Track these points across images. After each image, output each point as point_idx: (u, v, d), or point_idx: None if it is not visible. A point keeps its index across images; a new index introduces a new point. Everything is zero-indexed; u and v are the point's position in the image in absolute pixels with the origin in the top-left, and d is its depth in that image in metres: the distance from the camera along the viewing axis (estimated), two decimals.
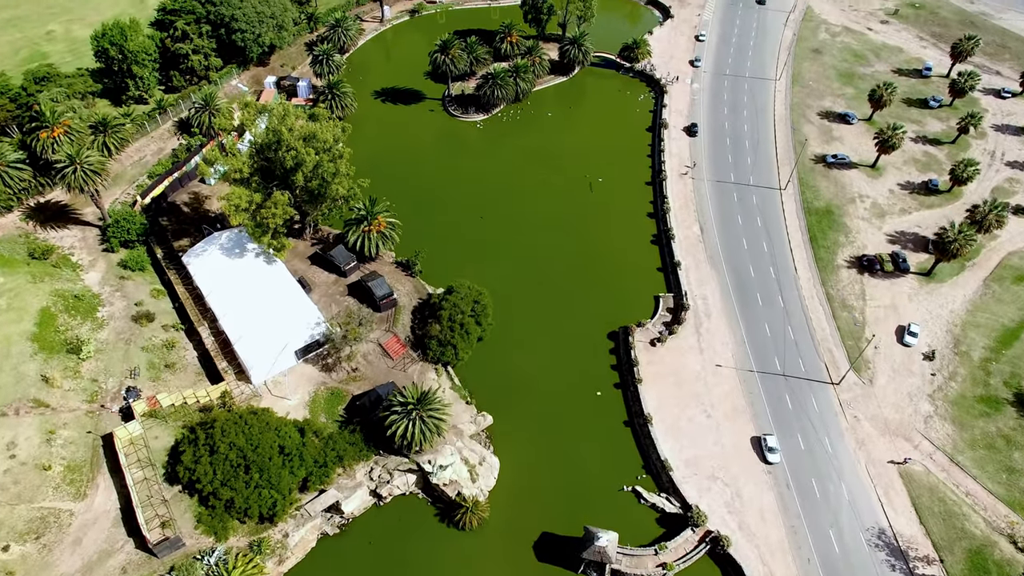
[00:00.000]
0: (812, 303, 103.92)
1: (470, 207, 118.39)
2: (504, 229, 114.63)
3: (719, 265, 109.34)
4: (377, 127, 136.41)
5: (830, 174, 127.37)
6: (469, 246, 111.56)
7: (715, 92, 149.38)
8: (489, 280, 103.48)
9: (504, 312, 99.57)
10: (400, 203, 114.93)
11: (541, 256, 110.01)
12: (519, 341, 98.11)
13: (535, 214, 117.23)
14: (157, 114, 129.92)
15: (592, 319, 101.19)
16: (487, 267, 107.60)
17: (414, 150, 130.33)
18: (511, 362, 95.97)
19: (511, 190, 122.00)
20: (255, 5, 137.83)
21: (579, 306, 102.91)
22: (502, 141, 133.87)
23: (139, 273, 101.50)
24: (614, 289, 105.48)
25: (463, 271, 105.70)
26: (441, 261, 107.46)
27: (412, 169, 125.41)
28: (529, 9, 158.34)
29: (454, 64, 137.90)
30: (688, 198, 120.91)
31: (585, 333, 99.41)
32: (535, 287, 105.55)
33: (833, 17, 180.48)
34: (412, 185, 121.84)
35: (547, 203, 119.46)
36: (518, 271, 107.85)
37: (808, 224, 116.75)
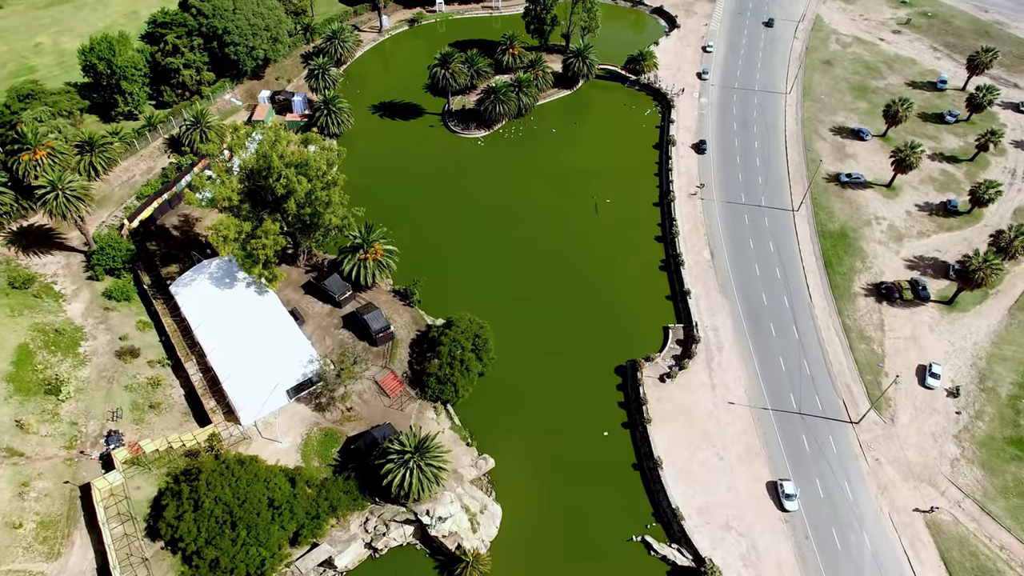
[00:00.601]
0: (828, 334, 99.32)
1: (471, 230, 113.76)
2: (506, 253, 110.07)
3: (730, 293, 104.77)
4: (374, 144, 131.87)
5: (844, 194, 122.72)
6: (470, 272, 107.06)
7: (724, 106, 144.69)
8: (490, 309, 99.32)
9: (506, 344, 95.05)
10: (398, 226, 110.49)
11: (545, 283, 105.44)
12: (522, 376, 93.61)
13: (539, 237, 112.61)
14: (147, 131, 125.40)
15: (598, 352, 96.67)
16: (488, 295, 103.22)
17: (413, 169, 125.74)
18: (514, 399, 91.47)
19: (513, 212, 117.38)
20: (249, 18, 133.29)
21: (585, 337, 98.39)
22: (504, 159, 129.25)
23: (124, 304, 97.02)
24: (621, 319, 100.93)
25: (463, 299, 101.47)
26: (440, 289, 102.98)
27: (411, 189, 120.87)
28: (532, 20, 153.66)
29: (454, 79, 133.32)
30: (697, 220, 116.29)
31: (591, 367, 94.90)
32: (539, 317, 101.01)
33: (843, 27, 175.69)
34: (411, 206, 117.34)
35: (551, 225, 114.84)
36: (521, 299, 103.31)
37: (823, 248, 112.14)
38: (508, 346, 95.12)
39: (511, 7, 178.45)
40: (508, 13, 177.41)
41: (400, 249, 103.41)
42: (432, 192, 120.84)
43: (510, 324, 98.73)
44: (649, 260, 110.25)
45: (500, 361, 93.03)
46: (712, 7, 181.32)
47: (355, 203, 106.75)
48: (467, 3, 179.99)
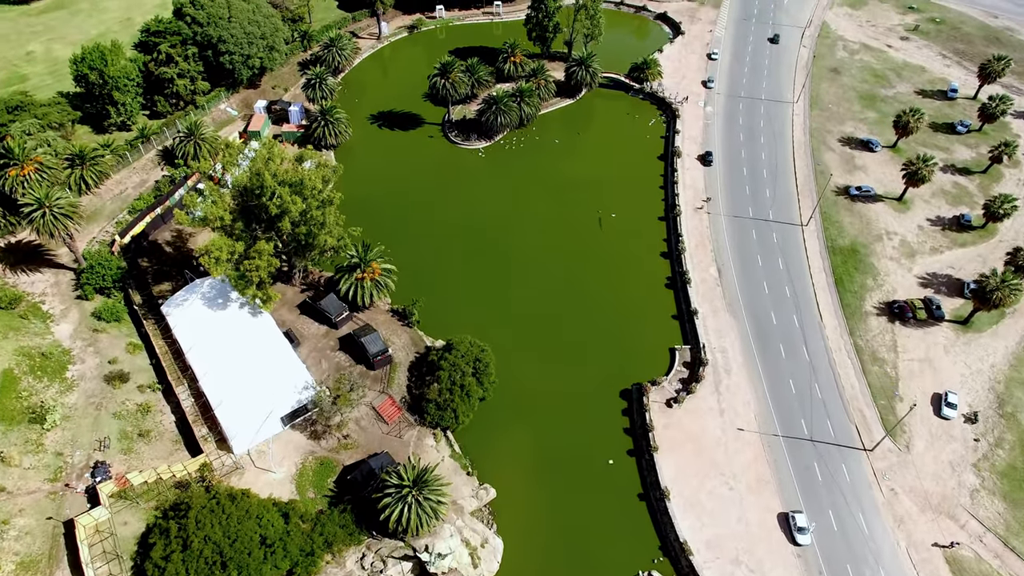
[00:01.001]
0: (840, 355, 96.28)
1: (471, 245, 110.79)
2: (507, 270, 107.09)
3: (739, 312, 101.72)
4: (373, 155, 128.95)
5: (854, 208, 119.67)
6: (470, 289, 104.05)
7: (730, 116, 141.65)
8: (491, 328, 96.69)
9: (508, 366, 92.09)
10: (396, 241, 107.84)
11: (548, 301, 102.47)
12: (524, 400, 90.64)
13: (541, 253, 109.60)
14: (139, 143, 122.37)
15: (603, 374, 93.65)
16: (489, 313, 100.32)
17: (412, 181, 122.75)
18: (516, 424, 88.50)
19: (515, 226, 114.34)
20: (244, 26, 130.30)
21: (589, 359, 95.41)
22: (505, 171, 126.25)
23: (114, 324, 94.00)
24: (627, 340, 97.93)
25: (463, 318, 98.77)
26: (440, 307, 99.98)
27: (410, 202, 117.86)
28: (533, 27, 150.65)
29: (454, 89, 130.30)
30: (704, 235, 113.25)
31: (596, 391, 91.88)
32: (541, 336, 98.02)
33: (850, 33, 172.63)
34: (410, 220, 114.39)
35: (554, 240, 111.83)
36: (523, 317, 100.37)
37: (833, 265, 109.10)
38: (510, 368, 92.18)
39: (512, 13, 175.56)
40: (509, 19, 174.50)
41: (399, 265, 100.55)
42: (431, 205, 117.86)
43: (511, 344, 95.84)
44: (655, 277, 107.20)
45: (501, 384, 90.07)
46: (716, 13, 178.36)
47: (353, 216, 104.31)
48: (467, 9, 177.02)
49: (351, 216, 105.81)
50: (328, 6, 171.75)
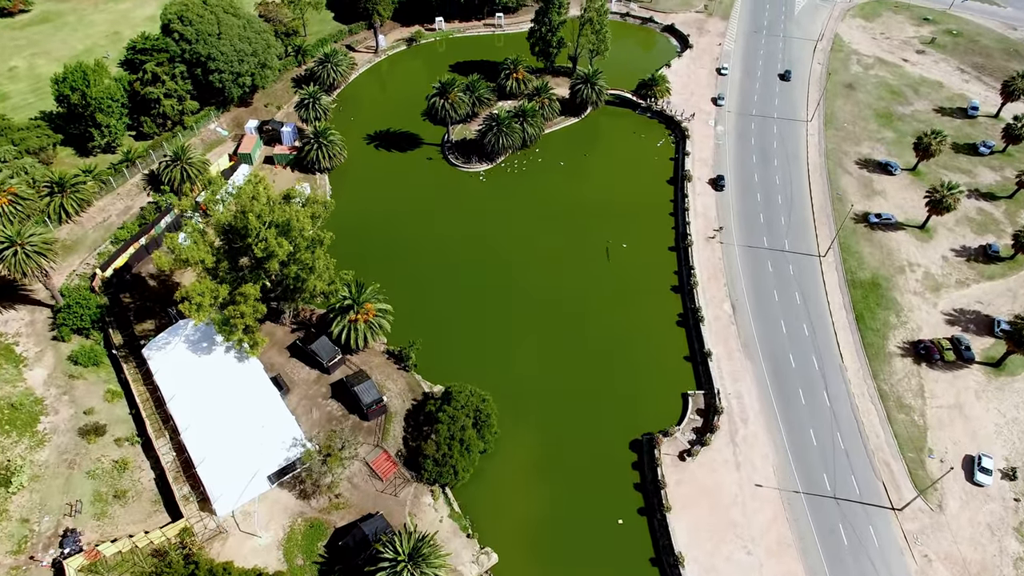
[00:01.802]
0: (863, 401, 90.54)
1: (471, 278, 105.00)
2: (509, 305, 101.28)
3: (755, 353, 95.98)
4: (368, 179, 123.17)
5: (874, 237, 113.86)
6: (470, 328, 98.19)
7: (741, 135, 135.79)
8: (492, 373, 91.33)
9: (510, 413, 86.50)
10: (392, 275, 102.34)
11: (553, 341, 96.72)
12: (528, 452, 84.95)
13: (545, 287, 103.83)
14: (124, 167, 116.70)
15: (612, 422, 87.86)
16: (490, 355, 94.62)
17: (409, 207, 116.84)
18: (519, 479, 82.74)
19: (517, 257, 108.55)
20: (235, 43, 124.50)
21: (597, 405, 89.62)
22: (507, 196, 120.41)
23: (92, 369, 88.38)
24: (637, 384, 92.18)
25: (463, 358, 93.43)
26: (438, 348, 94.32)
27: (406, 231, 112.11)
28: (537, 41, 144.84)
29: (454, 110, 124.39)
30: (717, 268, 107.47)
31: (604, 441, 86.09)
32: (546, 380, 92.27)
33: (864, 47, 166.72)
34: (406, 250, 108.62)
35: (558, 272, 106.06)
36: (526, 358, 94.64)
37: (853, 300, 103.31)
38: (513, 415, 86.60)
39: (514, 25, 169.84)
40: (511, 31, 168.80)
41: (394, 301, 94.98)
42: (429, 234, 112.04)
43: (514, 389, 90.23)
44: (665, 314, 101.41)
45: (504, 434, 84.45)
46: (725, 25, 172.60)
47: (346, 245, 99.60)
48: (468, 20, 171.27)
49: (344, 245, 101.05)
50: (324, 18, 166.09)
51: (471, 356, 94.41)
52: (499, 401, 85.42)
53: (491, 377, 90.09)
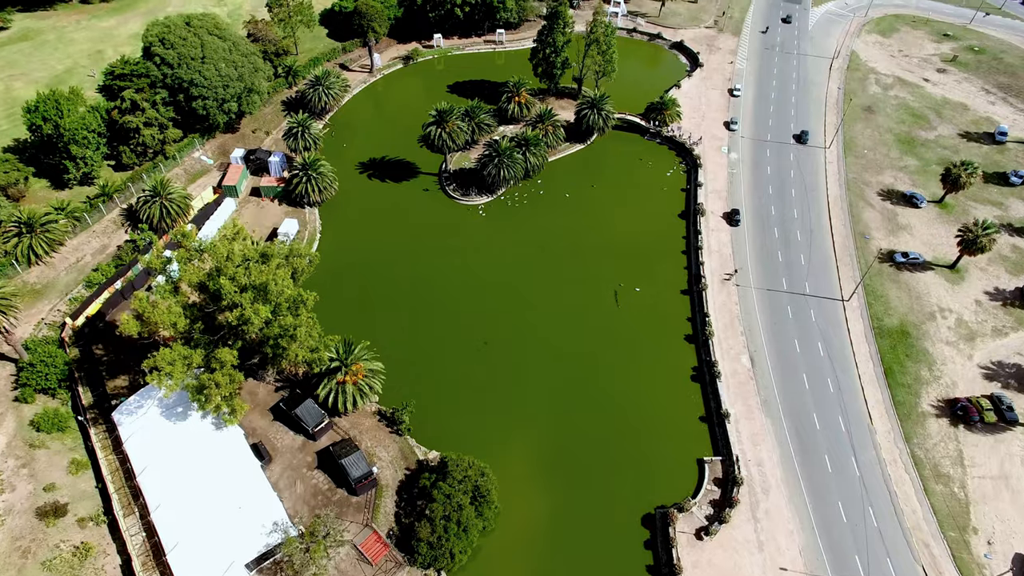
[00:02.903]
0: (896, 469, 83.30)
1: (469, 326, 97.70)
2: (511, 359, 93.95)
3: (775, 413, 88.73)
4: (360, 214, 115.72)
5: (900, 278, 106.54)
6: (468, 384, 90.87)
7: (756, 164, 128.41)
8: (492, 434, 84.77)
9: (512, 483, 79.40)
10: (383, 323, 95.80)
11: (557, 399, 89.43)
12: (531, 530, 77.67)
13: (549, 337, 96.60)
14: (101, 202, 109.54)
15: (622, 494, 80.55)
16: (490, 414, 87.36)
17: (403, 246, 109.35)
18: (521, 561, 75.53)
19: (518, 302, 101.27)
20: (220, 67, 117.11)
21: (606, 474, 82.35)
22: (508, 233, 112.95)
23: (57, 435, 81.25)
24: (648, 449, 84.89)
25: (460, 423, 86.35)
26: (434, 407, 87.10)
27: (400, 273, 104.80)
28: (540, 62, 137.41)
29: (452, 139, 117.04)
30: (733, 315, 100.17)
31: (614, 517, 78.70)
32: (550, 444, 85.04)
33: (882, 65, 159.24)
34: (399, 295, 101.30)
35: (565, 321, 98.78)
36: (529, 422, 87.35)
37: (881, 351, 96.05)
38: (514, 484, 79.45)
39: (516, 42, 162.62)
40: (512, 48, 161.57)
41: (386, 351, 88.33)
42: (425, 275, 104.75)
43: (516, 453, 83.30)
44: (679, 368, 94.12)
45: (505, 509, 77.22)
46: (736, 42, 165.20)
47: (334, 289, 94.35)
48: (468, 37, 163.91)
49: (333, 288, 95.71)
50: (317, 35, 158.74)
51: (469, 415, 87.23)
52: (500, 467, 78.52)
53: (491, 439, 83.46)
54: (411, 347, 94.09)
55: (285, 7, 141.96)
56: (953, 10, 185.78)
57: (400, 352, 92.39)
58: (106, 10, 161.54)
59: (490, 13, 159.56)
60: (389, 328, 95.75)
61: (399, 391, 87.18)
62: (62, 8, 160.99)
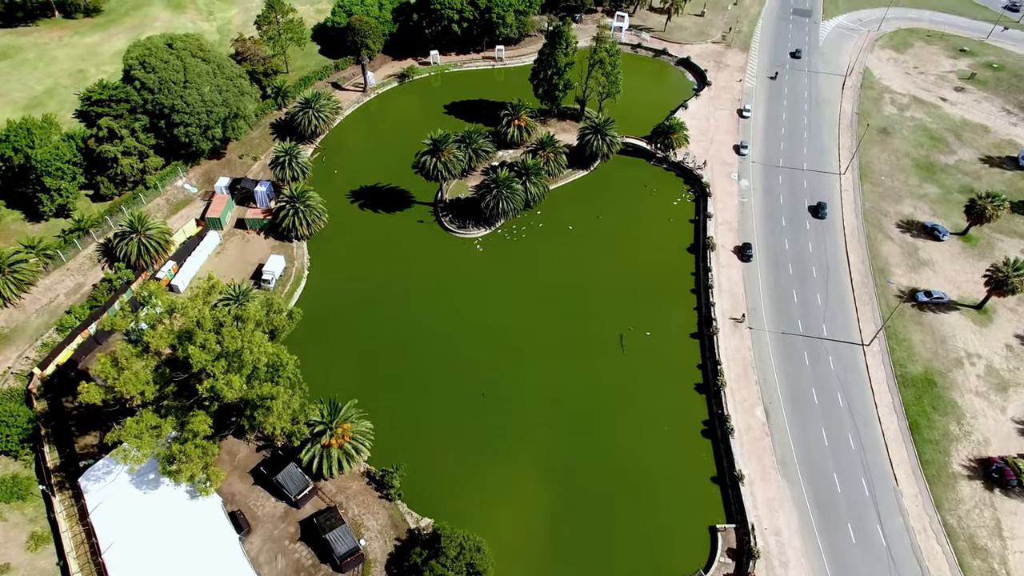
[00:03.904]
0: (926, 540, 77.06)
1: (466, 377, 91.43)
2: (509, 413, 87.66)
3: (793, 473, 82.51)
4: (351, 248, 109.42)
5: (924, 320, 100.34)
6: (464, 442, 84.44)
7: (768, 192, 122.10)
8: (488, 500, 79.04)
9: (508, 558, 73.24)
10: (373, 372, 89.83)
11: (558, 458, 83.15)
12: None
13: (550, 387, 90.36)
14: (76, 237, 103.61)
15: (628, 567, 74.25)
16: (486, 479, 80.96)
17: (395, 285, 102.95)
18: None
19: (519, 348, 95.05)
20: (203, 92, 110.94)
21: (611, 543, 76.23)
22: (507, 270, 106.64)
23: (16, 504, 75.20)
24: (657, 514, 78.59)
25: (455, 483, 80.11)
26: (427, 467, 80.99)
27: (391, 315, 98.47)
28: (541, 82, 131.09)
29: (448, 169, 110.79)
30: (747, 362, 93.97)
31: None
32: (550, 509, 78.81)
33: (897, 83, 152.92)
34: (390, 341, 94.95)
35: (566, 369, 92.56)
36: (527, 483, 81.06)
37: (905, 402, 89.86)
38: (510, 558, 73.28)
39: (516, 58, 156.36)
40: (512, 65, 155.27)
41: (375, 405, 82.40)
42: (418, 319, 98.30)
43: (513, 522, 77.16)
44: (689, 422, 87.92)
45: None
46: (745, 58, 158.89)
47: (321, 332, 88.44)
48: (465, 53, 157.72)
49: (319, 332, 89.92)
50: (309, 51, 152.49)
51: (465, 476, 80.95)
52: (496, 536, 72.73)
53: (487, 503, 78.03)
54: (403, 399, 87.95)
55: (274, 24, 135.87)
56: (968, 23, 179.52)
57: (391, 405, 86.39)
58: (90, 26, 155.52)
59: (489, 29, 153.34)
60: (379, 378, 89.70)
61: (390, 448, 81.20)
62: (44, 24, 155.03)
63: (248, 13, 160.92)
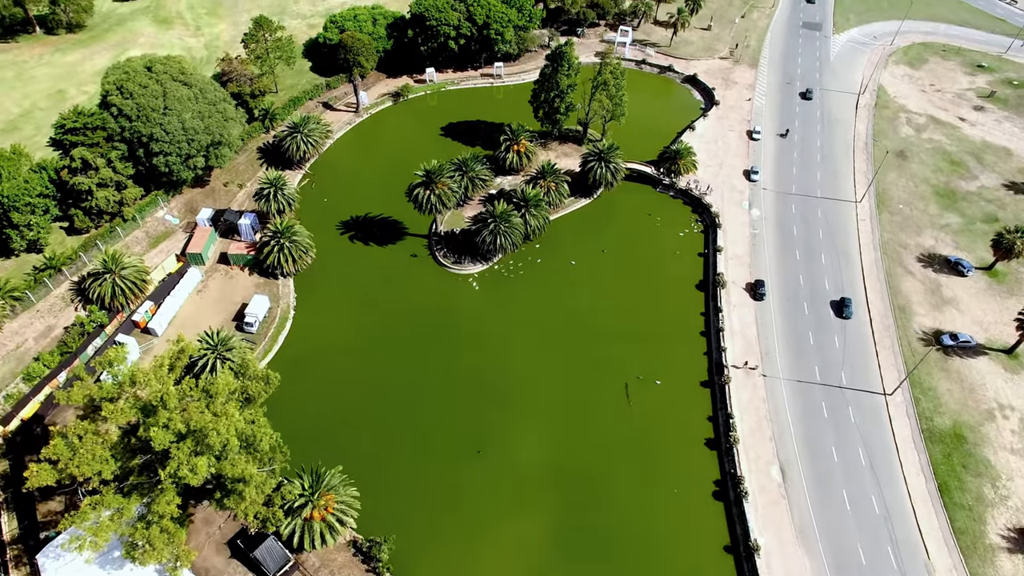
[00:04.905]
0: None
1: (461, 432, 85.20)
2: (506, 472, 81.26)
3: (813, 543, 76.22)
4: (340, 285, 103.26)
5: (950, 366, 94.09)
6: (458, 505, 78.28)
7: (781, 223, 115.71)
8: (486, 573, 72.01)
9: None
10: (360, 429, 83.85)
11: (559, 527, 76.90)
12: None
13: (551, 444, 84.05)
14: (47, 276, 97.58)
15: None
16: (482, 550, 74.84)
17: (386, 328, 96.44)
18: None
19: (518, 400, 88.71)
20: (184, 119, 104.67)
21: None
22: (505, 310, 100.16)
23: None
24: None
25: (447, 558, 74.00)
26: (418, 534, 74.80)
27: (380, 364, 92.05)
28: (541, 104, 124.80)
29: (442, 202, 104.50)
30: (760, 413, 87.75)
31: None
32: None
33: (913, 102, 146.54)
34: (379, 394, 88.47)
35: (568, 423, 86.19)
36: (524, 556, 75.04)
37: (932, 460, 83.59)
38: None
39: (516, 75, 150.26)
40: (512, 82, 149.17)
41: (362, 466, 76.61)
42: (409, 367, 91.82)
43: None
44: (698, 482, 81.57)
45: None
46: (754, 75, 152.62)
47: (304, 381, 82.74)
48: (463, 70, 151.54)
49: (302, 386, 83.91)
50: (300, 68, 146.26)
51: (458, 546, 74.78)
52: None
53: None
54: (393, 457, 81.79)
55: (262, 43, 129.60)
56: (985, 37, 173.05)
57: (380, 464, 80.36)
58: (72, 42, 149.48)
59: (487, 45, 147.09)
60: (367, 434, 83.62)
61: (379, 515, 75.05)
62: (24, 40, 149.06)
63: (238, 28, 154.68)
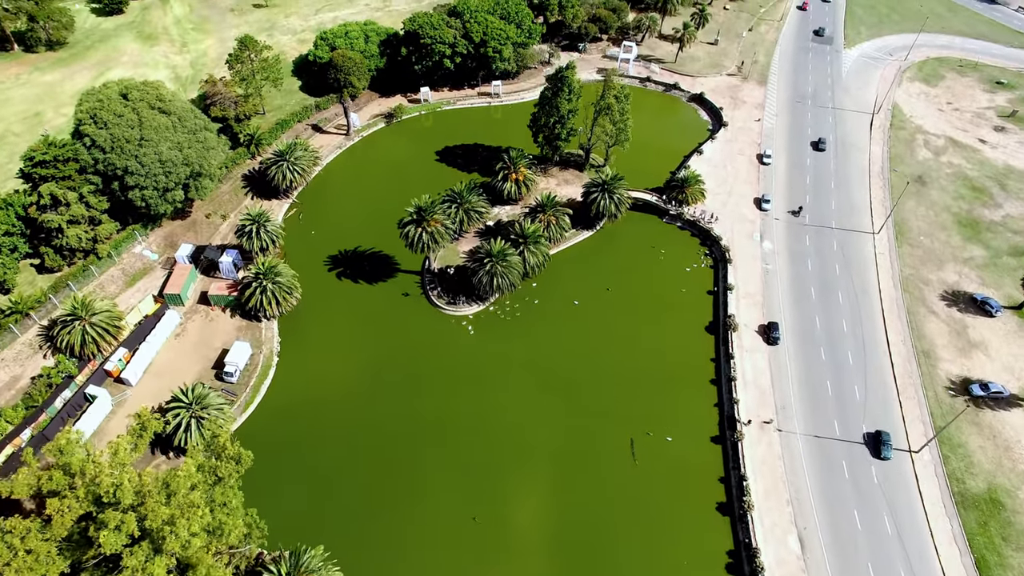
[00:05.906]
0: None
1: (455, 496, 78.88)
2: (502, 544, 75.18)
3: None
4: (327, 328, 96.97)
5: (981, 419, 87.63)
6: (447, 567, 72.63)
7: (795, 257, 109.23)
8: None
9: None
10: (346, 494, 77.78)
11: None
12: None
13: (551, 509, 77.79)
14: (13, 321, 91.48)
15: None
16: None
17: (373, 380, 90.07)
18: None
19: (515, 459, 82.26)
20: (161, 150, 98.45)
21: None
22: (502, 357, 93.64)
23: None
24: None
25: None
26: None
27: (368, 421, 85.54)
28: (541, 129, 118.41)
29: (435, 240, 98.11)
30: (776, 473, 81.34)
31: None
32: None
33: (930, 122, 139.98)
34: (367, 453, 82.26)
35: (569, 485, 79.87)
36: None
37: (966, 529, 77.12)
38: None
39: (514, 95, 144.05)
40: (511, 102, 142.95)
41: (346, 540, 70.66)
42: (399, 418, 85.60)
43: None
44: (709, 554, 75.06)
45: None
46: (763, 93, 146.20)
47: (283, 446, 76.95)
48: (459, 89, 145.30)
49: (282, 446, 78.58)
50: (289, 88, 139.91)
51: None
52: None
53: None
54: (381, 526, 75.51)
55: (247, 64, 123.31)
56: (1003, 51, 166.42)
57: (368, 534, 74.20)
58: (52, 61, 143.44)
59: (484, 63, 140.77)
60: (353, 499, 77.40)
61: None
62: (2, 58, 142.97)
63: (224, 44, 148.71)
